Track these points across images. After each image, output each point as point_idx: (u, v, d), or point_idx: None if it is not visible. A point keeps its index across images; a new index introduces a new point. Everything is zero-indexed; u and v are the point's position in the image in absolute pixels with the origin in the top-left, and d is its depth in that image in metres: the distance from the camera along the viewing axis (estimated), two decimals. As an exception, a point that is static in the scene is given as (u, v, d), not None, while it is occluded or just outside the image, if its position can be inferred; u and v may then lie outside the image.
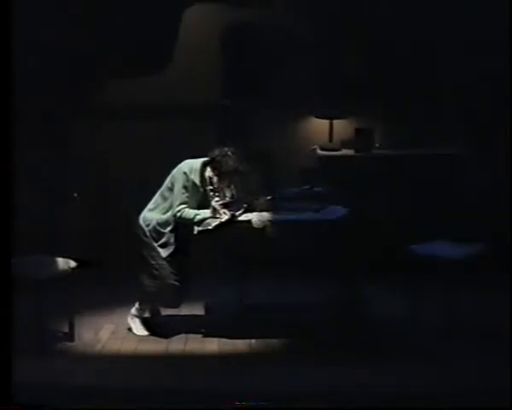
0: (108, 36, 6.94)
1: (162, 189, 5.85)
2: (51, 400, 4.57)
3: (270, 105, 7.27)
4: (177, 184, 5.75)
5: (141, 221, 5.81)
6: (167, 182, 5.83)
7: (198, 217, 5.72)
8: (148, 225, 5.77)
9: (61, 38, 6.78)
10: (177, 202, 5.71)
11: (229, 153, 5.76)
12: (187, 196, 5.74)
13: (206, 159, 5.81)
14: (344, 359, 5.39)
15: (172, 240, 5.76)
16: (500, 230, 6.57)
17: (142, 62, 7.14)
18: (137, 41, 7.01)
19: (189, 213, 5.72)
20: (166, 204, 5.78)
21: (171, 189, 5.79)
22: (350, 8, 7.21)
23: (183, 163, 5.84)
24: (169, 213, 5.76)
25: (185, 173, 5.75)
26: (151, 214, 5.81)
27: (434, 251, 5.88)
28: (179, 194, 5.72)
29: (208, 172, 5.78)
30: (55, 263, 5.78)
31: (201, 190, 5.79)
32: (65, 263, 5.80)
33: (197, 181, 5.77)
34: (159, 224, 5.75)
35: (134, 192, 6.74)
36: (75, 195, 6.46)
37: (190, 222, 5.71)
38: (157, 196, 5.86)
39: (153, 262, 5.74)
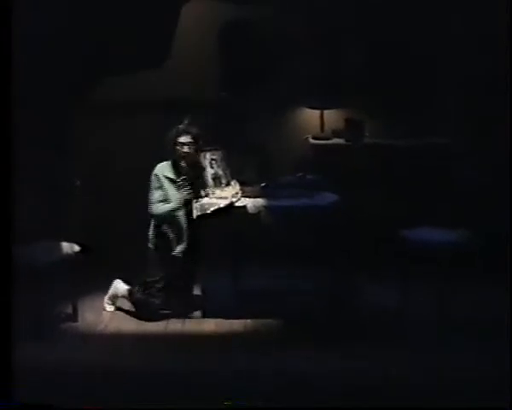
0: (108, 32, 6.91)
1: None
2: (54, 381, 4.70)
3: (264, 97, 7.31)
4: (151, 187, 5.96)
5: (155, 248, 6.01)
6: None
7: (175, 205, 5.89)
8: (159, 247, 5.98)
9: (61, 34, 6.75)
10: (152, 202, 5.91)
11: (181, 138, 5.94)
12: (163, 195, 5.91)
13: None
14: (333, 342, 5.48)
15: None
16: (488, 217, 6.57)
17: (140, 58, 7.12)
18: (136, 37, 6.99)
19: (165, 207, 5.91)
20: None
21: None
22: (341, 2, 7.21)
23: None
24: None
25: (156, 175, 5.95)
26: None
27: (423, 237, 5.93)
28: (152, 195, 5.92)
29: (176, 165, 5.97)
30: (60, 248, 5.89)
31: (181, 182, 5.95)
32: (69, 248, 5.92)
33: (172, 175, 5.96)
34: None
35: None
36: (77, 183, 6.52)
37: (167, 215, 5.89)
38: (152, 221, 6.04)
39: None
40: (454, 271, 5.74)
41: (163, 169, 5.99)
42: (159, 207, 5.92)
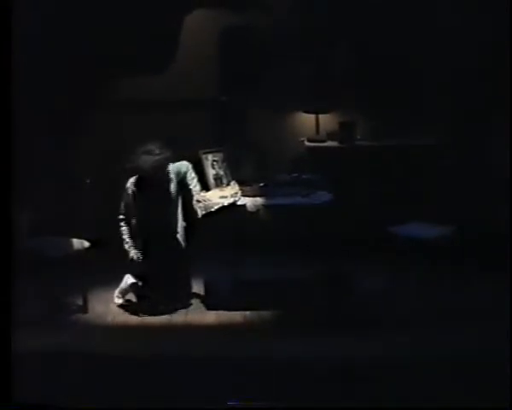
0: (119, 39, 7.05)
1: None
2: (63, 368, 4.81)
3: (263, 101, 7.40)
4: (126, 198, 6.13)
5: None
6: None
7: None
8: None
9: (78, 41, 6.90)
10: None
11: (145, 153, 6.02)
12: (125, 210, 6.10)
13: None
14: (327, 330, 5.57)
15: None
16: (471, 214, 6.69)
17: (148, 62, 7.29)
18: (144, 42, 7.13)
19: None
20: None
21: None
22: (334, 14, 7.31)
23: None
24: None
25: (126, 187, 6.12)
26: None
27: (411, 232, 6.06)
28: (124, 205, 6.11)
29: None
30: (71, 243, 6.06)
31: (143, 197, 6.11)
32: (79, 243, 6.08)
33: (135, 189, 6.12)
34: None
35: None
36: (88, 181, 6.55)
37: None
38: None
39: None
40: (440, 262, 5.95)
41: (131, 183, 6.13)
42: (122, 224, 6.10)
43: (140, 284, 6.17)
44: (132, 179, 6.14)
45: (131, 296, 6.31)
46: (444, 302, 5.88)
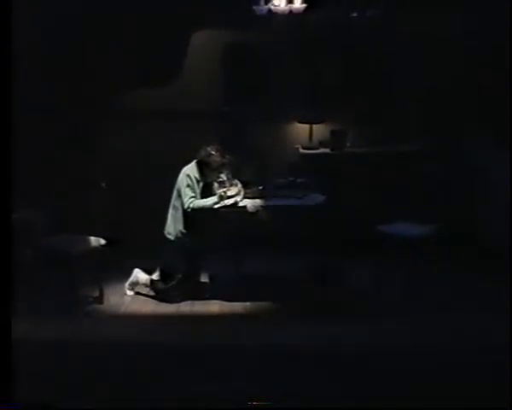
0: (132, 56, 7.36)
1: (171, 204, 6.45)
2: (80, 354, 4.93)
3: (262, 112, 7.73)
4: (183, 186, 6.36)
5: (171, 237, 6.45)
6: (174, 195, 6.43)
7: (208, 204, 6.36)
8: (176, 236, 6.44)
9: (95, 59, 7.14)
10: (186, 198, 6.32)
11: (213, 151, 6.37)
12: (193, 192, 6.35)
13: (198, 160, 6.42)
14: (320, 319, 5.81)
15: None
16: (451, 214, 6.79)
17: (157, 75, 7.53)
18: (154, 58, 7.39)
19: (199, 202, 6.36)
20: (179, 211, 6.41)
21: (179, 195, 6.39)
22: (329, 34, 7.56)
23: (182, 171, 6.43)
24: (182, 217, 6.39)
25: (188, 175, 6.39)
26: (173, 227, 6.46)
27: (397, 231, 6.31)
28: (186, 192, 6.33)
29: (202, 169, 6.41)
30: (88, 241, 6.38)
31: (202, 183, 6.42)
32: (96, 241, 6.40)
33: (198, 177, 6.41)
34: (181, 232, 6.45)
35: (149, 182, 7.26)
36: (103, 185, 6.81)
37: (201, 209, 6.32)
38: (170, 212, 6.45)
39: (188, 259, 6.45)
40: (425, 258, 6.21)
41: (192, 171, 6.43)
42: (195, 202, 6.32)
43: (161, 279, 6.52)
44: (193, 167, 6.43)
45: (140, 288, 6.65)
46: (437, 299, 6.11)
